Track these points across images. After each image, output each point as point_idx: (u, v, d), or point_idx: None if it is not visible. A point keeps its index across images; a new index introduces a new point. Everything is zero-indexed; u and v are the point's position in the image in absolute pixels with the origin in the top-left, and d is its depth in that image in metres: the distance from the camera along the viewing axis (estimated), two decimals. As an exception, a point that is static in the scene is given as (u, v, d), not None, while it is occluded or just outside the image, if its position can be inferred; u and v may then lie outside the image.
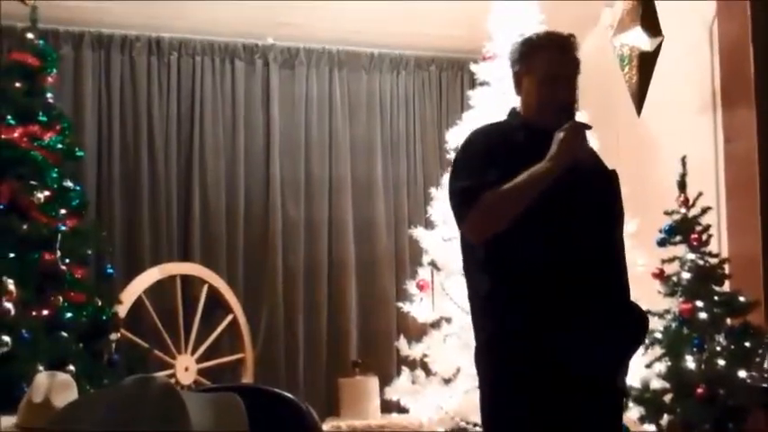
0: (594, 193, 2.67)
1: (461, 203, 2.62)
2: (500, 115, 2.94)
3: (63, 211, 4.87)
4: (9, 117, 4.88)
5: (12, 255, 4.54)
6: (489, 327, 2.65)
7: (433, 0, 5.86)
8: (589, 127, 2.65)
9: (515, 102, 2.90)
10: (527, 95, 2.79)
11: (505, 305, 2.59)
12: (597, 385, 2.59)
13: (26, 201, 4.72)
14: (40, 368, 4.10)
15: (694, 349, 4.37)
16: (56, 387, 3.16)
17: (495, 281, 2.62)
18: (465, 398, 5.03)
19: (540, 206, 2.54)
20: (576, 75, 2.78)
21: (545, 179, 2.56)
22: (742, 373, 4.24)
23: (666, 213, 4.65)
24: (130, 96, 6.14)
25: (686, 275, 4.55)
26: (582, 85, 2.82)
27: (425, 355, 5.38)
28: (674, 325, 4.50)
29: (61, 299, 4.63)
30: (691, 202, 4.63)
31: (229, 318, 6.04)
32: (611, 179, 2.74)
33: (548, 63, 2.74)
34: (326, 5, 5.94)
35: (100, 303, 4.86)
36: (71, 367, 4.32)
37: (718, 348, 4.36)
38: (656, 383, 4.45)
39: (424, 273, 5.47)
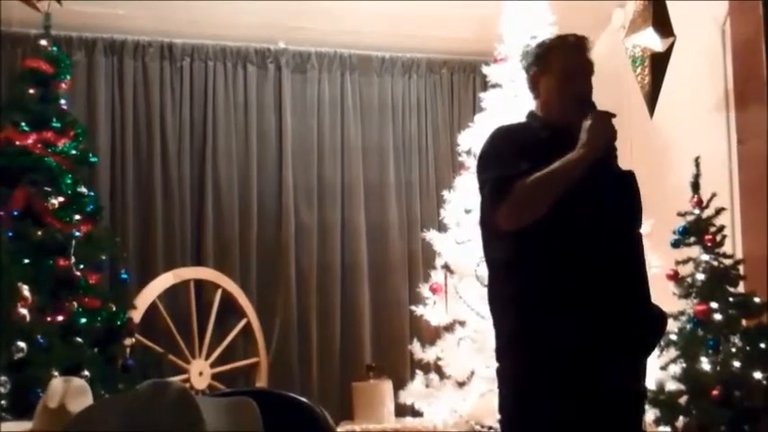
0: (616, 194, 2.70)
1: (495, 193, 2.63)
2: (512, 117, 2.95)
3: (77, 217, 4.90)
4: (23, 124, 4.91)
5: (26, 261, 4.55)
6: (512, 326, 2.65)
7: (444, 3, 5.86)
8: (614, 115, 2.68)
9: (532, 105, 2.93)
10: (546, 95, 2.83)
11: (529, 304, 2.60)
12: (618, 386, 2.60)
13: (40, 207, 4.74)
14: (55, 374, 4.12)
15: (709, 351, 4.35)
16: (71, 392, 3.17)
17: (519, 279, 2.63)
18: (479, 401, 5.03)
19: (565, 206, 2.56)
20: (591, 72, 2.82)
21: (578, 166, 2.59)
22: (757, 375, 4.21)
23: (680, 215, 4.63)
24: (143, 102, 6.17)
25: (701, 277, 4.52)
26: (594, 86, 2.84)
27: (439, 359, 5.37)
28: (688, 327, 4.48)
29: (76, 304, 4.65)
30: (704, 203, 4.60)
31: (243, 322, 6.05)
32: (629, 180, 2.75)
33: (564, 60, 2.82)
34: (338, 9, 5.95)
35: (114, 308, 4.87)
36: (86, 372, 4.34)
37: (734, 350, 4.33)
38: (672, 385, 4.43)
39: (437, 276, 5.46)
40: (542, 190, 2.58)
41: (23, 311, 4.25)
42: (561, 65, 2.81)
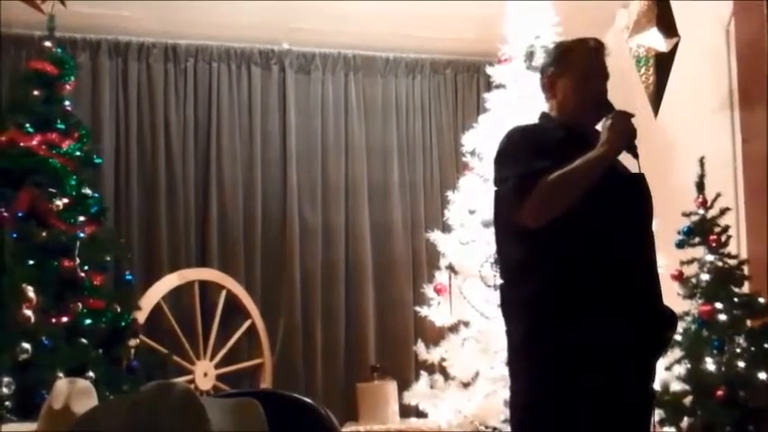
0: (631, 195, 2.73)
1: (518, 190, 2.63)
2: (516, 118, 2.95)
3: (81, 218, 4.90)
4: (28, 125, 4.91)
5: (31, 262, 4.55)
6: (526, 324, 2.65)
7: (448, 3, 5.86)
8: (633, 114, 2.71)
9: (542, 106, 2.94)
10: (564, 95, 2.85)
11: (544, 303, 2.61)
12: (631, 386, 2.60)
13: (45, 208, 4.74)
14: (60, 375, 4.12)
15: (714, 351, 4.35)
16: (76, 393, 3.17)
17: (535, 279, 2.64)
18: (484, 402, 5.02)
19: (582, 206, 2.58)
20: (608, 77, 2.84)
21: (600, 164, 2.62)
22: (762, 375, 4.21)
23: (685, 215, 4.63)
24: (147, 103, 6.17)
25: (705, 277, 4.52)
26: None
27: (444, 359, 5.37)
28: (693, 327, 4.48)
29: (80, 305, 4.65)
30: (709, 204, 4.60)
31: (248, 323, 6.05)
32: (641, 182, 2.77)
33: (584, 62, 2.85)
34: (342, 10, 5.95)
35: (119, 310, 4.87)
36: (91, 373, 4.34)
37: (738, 350, 4.33)
38: (676, 386, 4.42)
39: (441, 276, 5.46)
40: (565, 187, 2.59)
41: (28, 313, 4.25)
42: (581, 67, 2.83)
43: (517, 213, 2.64)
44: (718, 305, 4.43)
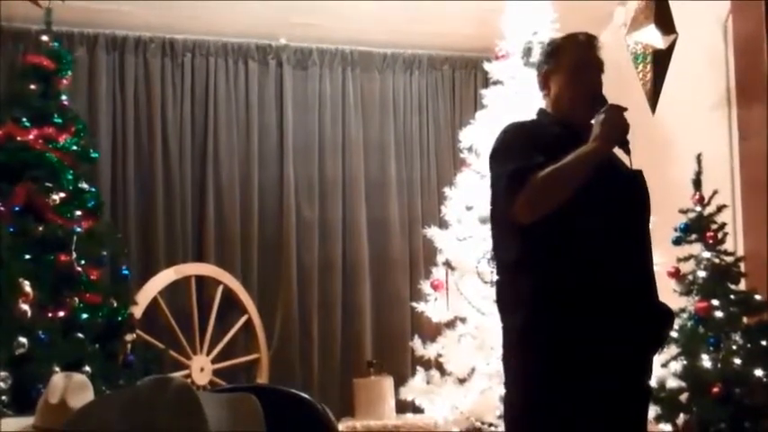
0: (629, 192, 2.72)
1: (511, 185, 2.63)
2: (513, 114, 2.95)
3: (78, 213, 4.90)
4: (24, 119, 4.91)
5: (28, 256, 4.56)
6: (522, 321, 2.65)
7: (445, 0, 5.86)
8: (626, 108, 2.70)
9: (540, 103, 2.94)
10: (557, 91, 2.85)
11: (540, 300, 2.60)
12: (628, 382, 2.61)
13: (42, 202, 4.74)
14: (57, 369, 4.12)
15: (710, 348, 4.36)
16: (72, 388, 3.17)
17: (531, 275, 2.63)
18: (480, 398, 5.03)
19: (579, 202, 2.57)
20: (601, 69, 2.84)
21: (593, 159, 2.61)
22: (758, 372, 4.22)
23: (682, 212, 4.63)
24: (144, 98, 6.16)
25: (702, 274, 4.52)
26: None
27: (440, 355, 5.37)
28: (689, 324, 4.48)
29: (77, 300, 4.65)
30: (706, 200, 4.61)
31: (244, 318, 6.06)
32: (639, 178, 2.77)
33: (576, 56, 2.84)
34: (339, 6, 5.94)
35: (115, 304, 4.88)
36: (87, 368, 4.34)
37: (735, 347, 4.34)
38: (672, 382, 4.43)
39: (438, 272, 5.46)
40: (557, 182, 2.59)
41: (25, 307, 4.25)
42: (572, 61, 2.83)
43: (510, 208, 2.64)
44: (715, 302, 4.44)
